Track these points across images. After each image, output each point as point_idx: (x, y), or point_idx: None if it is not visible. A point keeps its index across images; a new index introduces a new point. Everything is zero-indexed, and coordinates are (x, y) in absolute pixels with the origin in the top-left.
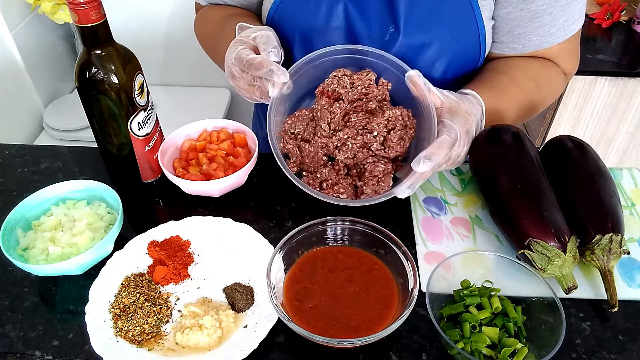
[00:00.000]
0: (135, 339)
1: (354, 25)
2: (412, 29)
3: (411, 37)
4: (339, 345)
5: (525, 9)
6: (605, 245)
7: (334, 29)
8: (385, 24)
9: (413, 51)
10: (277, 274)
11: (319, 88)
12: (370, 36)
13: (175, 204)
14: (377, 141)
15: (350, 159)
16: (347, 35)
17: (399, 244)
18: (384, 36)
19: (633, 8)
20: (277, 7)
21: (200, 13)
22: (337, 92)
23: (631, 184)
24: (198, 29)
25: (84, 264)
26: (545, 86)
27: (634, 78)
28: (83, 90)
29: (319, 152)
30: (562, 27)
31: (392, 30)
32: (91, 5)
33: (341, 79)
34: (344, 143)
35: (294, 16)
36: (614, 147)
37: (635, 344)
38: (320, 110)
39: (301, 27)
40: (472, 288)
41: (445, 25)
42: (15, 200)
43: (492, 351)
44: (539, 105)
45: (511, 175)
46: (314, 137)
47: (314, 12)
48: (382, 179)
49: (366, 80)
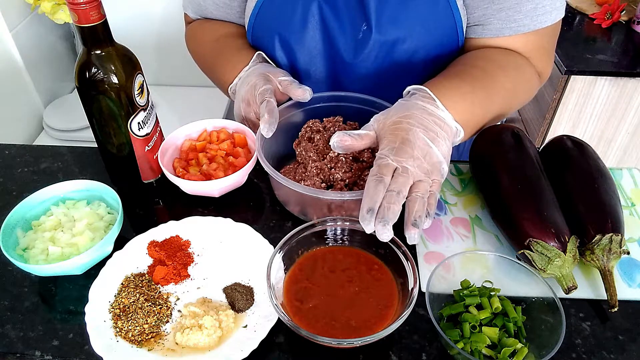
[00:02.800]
0: (135, 339)
1: (329, 25)
2: (385, 25)
3: (384, 34)
4: (339, 345)
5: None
6: (605, 245)
7: (309, 30)
8: (358, 22)
9: (387, 47)
10: (277, 274)
11: (295, 141)
12: (344, 35)
13: (175, 204)
14: (367, 151)
15: (348, 173)
16: (322, 35)
17: (399, 244)
18: (357, 34)
19: (633, 8)
20: (257, 14)
21: (190, 30)
22: (312, 139)
23: (631, 184)
24: (191, 47)
25: (83, 264)
26: (521, 81)
27: (634, 78)
28: (83, 90)
29: (316, 181)
30: (529, 15)
31: (364, 28)
32: (91, 5)
33: (313, 125)
34: (338, 160)
35: (272, 20)
36: (614, 147)
37: (635, 344)
38: (304, 150)
39: (279, 30)
40: (472, 288)
41: (419, 18)
42: (15, 200)
43: (492, 351)
44: (514, 102)
45: (511, 175)
46: (306, 172)
47: (290, 14)
48: None
49: (336, 123)
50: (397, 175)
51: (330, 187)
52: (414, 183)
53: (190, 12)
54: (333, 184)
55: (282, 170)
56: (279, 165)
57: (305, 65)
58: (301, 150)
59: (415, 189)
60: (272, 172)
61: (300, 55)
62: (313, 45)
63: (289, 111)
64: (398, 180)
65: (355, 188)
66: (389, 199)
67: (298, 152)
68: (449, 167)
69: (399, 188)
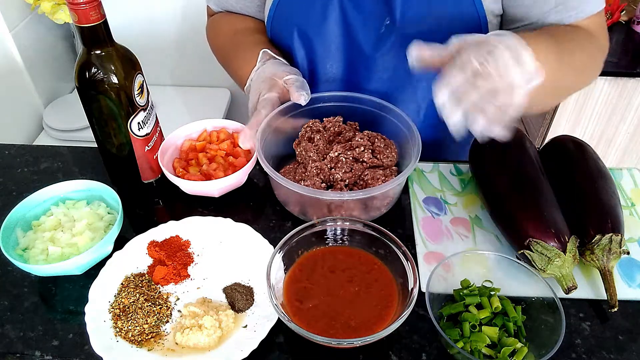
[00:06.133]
0: (135, 339)
1: (350, 18)
2: (409, 21)
3: (407, 30)
4: (339, 345)
5: None
6: (605, 245)
7: (329, 23)
8: (381, 16)
9: (409, 43)
10: (277, 274)
11: (295, 141)
12: (366, 29)
13: (175, 204)
14: (367, 152)
15: (348, 173)
16: (342, 28)
17: (398, 244)
18: (379, 28)
19: (633, 8)
20: (276, 6)
21: (211, 22)
22: (313, 139)
23: (631, 184)
24: (210, 38)
25: (83, 264)
26: (596, 52)
27: (634, 78)
28: (83, 90)
29: (316, 181)
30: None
31: (387, 23)
32: (91, 5)
33: (313, 125)
34: (338, 160)
35: (291, 13)
36: (614, 147)
37: (635, 344)
38: (304, 150)
39: (298, 23)
40: (471, 288)
41: (443, 16)
42: (15, 200)
43: (492, 351)
44: (590, 72)
45: (511, 175)
46: (306, 172)
47: (310, 6)
48: (385, 180)
49: (335, 123)
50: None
51: (330, 187)
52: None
53: (212, 4)
54: (333, 184)
55: (282, 170)
56: (279, 165)
57: (322, 58)
58: (301, 150)
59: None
60: (271, 173)
61: (318, 48)
62: (332, 38)
63: (290, 111)
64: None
65: (355, 188)
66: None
67: (298, 152)
68: (449, 167)
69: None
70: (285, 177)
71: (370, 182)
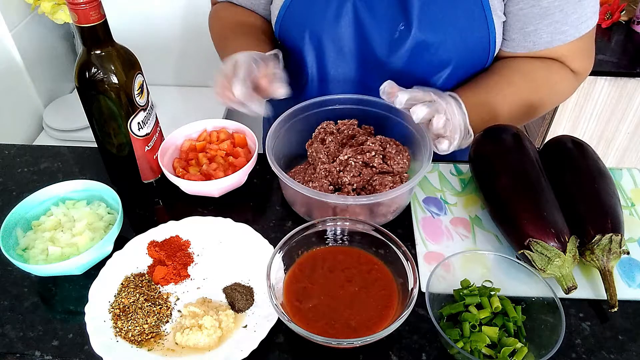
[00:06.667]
0: (135, 339)
1: (364, 22)
2: (424, 27)
3: (421, 36)
4: (339, 345)
5: (537, 6)
6: (605, 245)
7: (342, 26)
8: (395, 21)
9: (422, 49)
10: (277, 274)
11: (308, 141)
12: (379, 33)
13: (175, 204)
14: (378, 157)
15: (357, 178)
16: (355, 32)
17: (398, 244)
18: (393, 33)
19: (633, 8)
20: (287, 6)
21: (214, 10)
22: (325, 140)
23: (631, 184)
24: (210, 25)
25: (83, 264)
26: (545, 86)
27: (633, 78)
28: (83, 90)
29: (324, 183)
30: (574, 24)
31: (402, 28)
32: (91, 5)
33: (327, 127)
34: (347, 163)
35: (303, 14)
36: (614, 147)
37: (635, 344)
38: (315, 151)
39: (311, 25)
40: (471, 287)
41: (457, 25)
42: (15, 200)
43: (492, 351)
44: (537, 105)
45: (511, 175)
46: (315, 173)
47: (323, 9)
48: (393, 187)
49: (350, 125)
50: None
51: (338, 190)
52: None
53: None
54: (341, 187)
55: (292, 170)
56: (290, 164)
57: (333, 61)
58: (312, 151)
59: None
60: (278, 173)
61: (329, 51)
62: (344, 42)
63: (303, 112)
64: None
65: (363, 193)
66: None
67: (309, 152)
68: (449, 167)
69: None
70: (294, 177)
71: (378, 187)
